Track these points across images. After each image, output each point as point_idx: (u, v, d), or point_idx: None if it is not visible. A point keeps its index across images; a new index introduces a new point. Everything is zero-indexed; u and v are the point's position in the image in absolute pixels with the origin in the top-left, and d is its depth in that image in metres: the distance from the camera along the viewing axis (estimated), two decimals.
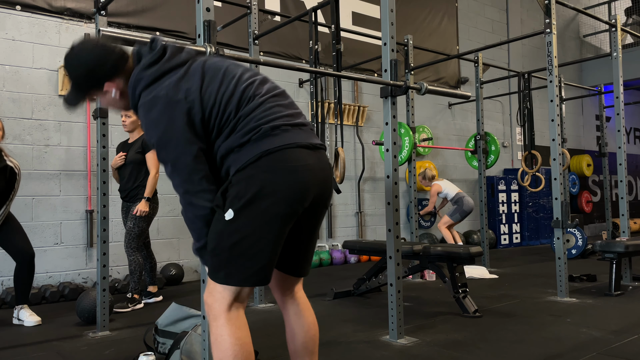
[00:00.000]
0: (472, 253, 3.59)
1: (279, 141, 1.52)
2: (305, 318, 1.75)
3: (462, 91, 3.54)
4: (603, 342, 2.85)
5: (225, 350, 1.48)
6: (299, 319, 1.74)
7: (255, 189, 1.50)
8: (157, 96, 1.54)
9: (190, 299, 4.26)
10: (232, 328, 1.50)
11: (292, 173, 1.51)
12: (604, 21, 5.04)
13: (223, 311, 1.52)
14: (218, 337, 1.50)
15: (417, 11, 7.96)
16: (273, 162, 1.51)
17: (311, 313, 1.78)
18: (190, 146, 1.53)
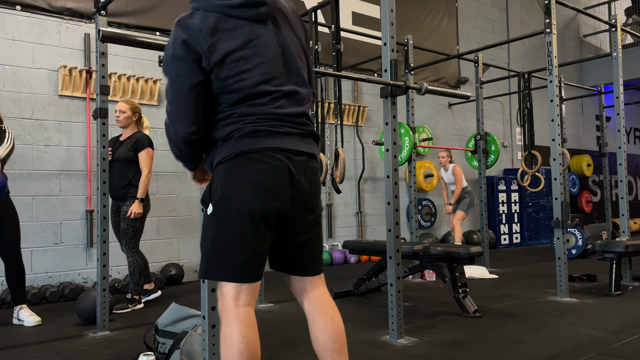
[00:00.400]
0: (472, 253, 3.59)
1: (257, 143, 1.54)
2: (321, 316, 1.68)
3: (462, 91, 3.55)
4: (603, 342, 2.85)
5: (231, 347, 1.50)
6: (314, 318, 1.69)
7: (230, 185, 1.54)
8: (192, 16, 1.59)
9: (190, 299, 4.27)
10: (239, 325, 1.52)
11: (264, 173, 1.54)
12: (604, 21, 5.04)
13: (229, 308, 1.55)
14: (225, 333, 1.53)
15: (417, 11, 7.96)
16: (247, 162, 1.54)
17: (328, 309, 1.69)
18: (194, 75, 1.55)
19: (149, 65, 5.38)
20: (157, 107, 5.40)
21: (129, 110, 4.07)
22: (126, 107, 4.07)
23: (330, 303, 1.71)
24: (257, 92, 1.56)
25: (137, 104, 4.18)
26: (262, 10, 1.59)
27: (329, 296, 1.74)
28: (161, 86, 5.43)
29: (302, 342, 2.99)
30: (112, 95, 5.00)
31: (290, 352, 2.80)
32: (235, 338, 1.50)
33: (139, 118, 4.17)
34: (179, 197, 5.48)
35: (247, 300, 1.57)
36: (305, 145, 1.64)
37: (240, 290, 1.56)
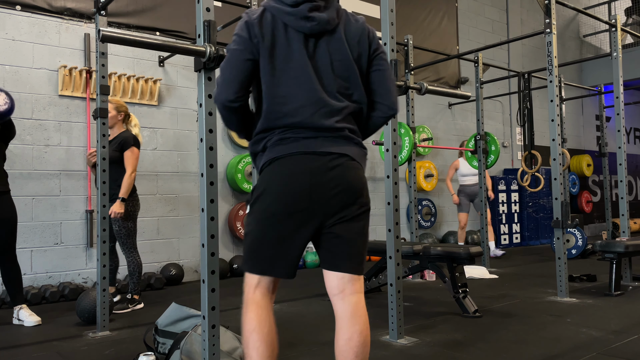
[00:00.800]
0: (472, 253, 3.59)
1: (285, 149, 1.67)
2: (351, 325, 1.65)
3: (462, 91, 3.55)
4: (603, 342, 2.85)
5: (246, 325, 1.68)
6: (344, 325, 1.67)
7: (259, 189, 1.70)
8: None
9: (190, 299, 4.27)
10: (252, 306, 1.69)
11: (286, 176, 1.66)
12: (604, 21, 5.04)
13: (247, 294, 1.72)
14: (243, 314, 1.71)
15: (417, 11, 7.96)
16: (278, 167, 1.67)
17: (359, 321, 1.66)
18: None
19: (149, 65, 5.38)
20: (157, 107, 5.40)
21: (113, 110, 3.97)
22: (110, 106, 3.93)
23: (363, 315, 1.68)
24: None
25: (122, 103, 4.10)
26: (309, 25, 1.69)
27: (364, 307, 1.70)
28: (161, 86, 5.43)
29: (302, 342, 2.99)
30: (112, 95, 5.00)
31: (290, 352, 2.80)
32: (249, 317, 1.68)
33: (125, 117, 4.09)
34: (179, 197, 5.48)
35: (263, 290, 1.71)
36: (334, 146, 1.67)
37: (259, 281, 1.71)
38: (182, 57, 5.39)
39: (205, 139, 2.24)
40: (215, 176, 2.26)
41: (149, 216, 5.27)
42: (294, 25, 1.68)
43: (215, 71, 2.29)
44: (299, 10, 1.67)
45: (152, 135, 5.35)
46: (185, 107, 5.60)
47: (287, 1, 1.69)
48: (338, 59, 1.71)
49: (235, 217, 5.72)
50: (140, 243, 5.18)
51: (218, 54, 2.23)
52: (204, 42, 2.25)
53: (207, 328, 2.17)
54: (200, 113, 2.27)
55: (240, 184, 5.72)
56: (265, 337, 1.64)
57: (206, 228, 2.21)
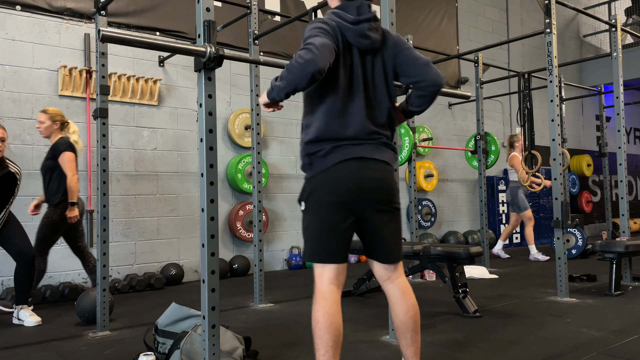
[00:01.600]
0: (472, 253, 3.59)
1: (339, 156, 1.92)
2: (405, 301, 2.03)
3: (462, 91, 3.54)
4: (603, 342, 2.85)
5: (316, 318, 1.87)
6: (398, 302, 2.04)
7: (314, 185, 1.95)
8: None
9: (190, 299, 4.26)
10: (320, 299, 1.89)
11: (339, 174, 1.92)
12: (604, 21, 5.04)
13: (318, 285, 1.93)
14: (313, 305, 1.91)
15: (417, 11, 7.96)
16: (333, 169, 1.93)
17: (410, 297, 2.05)
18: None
19: (149, 65, 5.38)
20: (157, 107, 5.40)
21: (47, 120, 3.94)
22: (44, 117, 3.94)
23: (411, 291, 2.07)
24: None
25: (57, 112, 4.03)
26: (365, 42, 1.94)
27: (409, 284, 2.10)
28: (161, 86, 5.43)
29: (302, 342, 2.99)
30: (112, 95, 5.00)
31: (290, 352, 2.80)
32: (316, 309, 1.88)
33: (62, 125, 4.02)
34: (179, 197, 5.49)
35: (329, 279, 1.92)
36: (376, 153, 1.96)
37: (323, 270, 1.93)
38: (182, 57, 5.39)
39: (205, 139, 2.24)
40: (215, 176, 2.26)
41: (149, 216, 5.27)
42: (353, 40, 1.93)
43: (214, 71, 2.29)
44: (360, 27, 1.92)
45: (152, 135, 5.35)
46: (185, 107, 5.60)
47: (348, 18, 1.92)
48: (378, 72, 1.99)
49: (235, 217, 5.72)
50: (140, 243, 5.19)
51: (218, 54, 2.23)
52: (204, 42, 2.25)
53: (207, 328, 2.17)
54: (200, 113, 2.27)
55: (240, 184, 5.72)
56: (328, 327, 1.84)
57: (206, 228, 2.21)
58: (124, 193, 5.11)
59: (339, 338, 1.87)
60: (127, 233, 5.11)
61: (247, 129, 5.92)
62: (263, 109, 2.02)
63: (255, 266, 4.10)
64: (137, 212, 5.19)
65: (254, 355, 2.68)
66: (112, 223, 4.95)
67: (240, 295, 4.48)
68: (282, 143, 6.36)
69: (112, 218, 4.96)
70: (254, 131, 4.15)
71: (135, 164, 5.21)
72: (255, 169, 4.15)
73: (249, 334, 2.74)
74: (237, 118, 5.87)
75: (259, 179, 4.15)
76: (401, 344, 2.06)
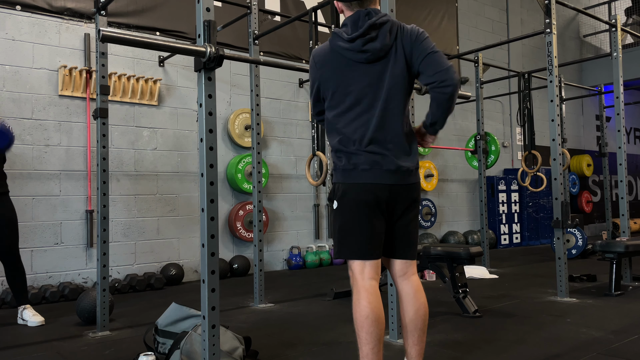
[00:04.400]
0: (472, 253, 3.59)
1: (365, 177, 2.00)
2: (417, 300, 2.07)
3: (462, 91, 3.54)
4: (603, 342, 2.85)
5: (360, 312, 1.95)
6: (410, 300, 2.07)
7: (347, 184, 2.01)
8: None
9: (190, 299, 4.26)
10: (364, 294, 1.97)
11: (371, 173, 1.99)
12: (604, 21, 5.04)
13: (358, 280, 2.01)
14: (355, 300, 1.99)
15: (417, 11, 7.96)
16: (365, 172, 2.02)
17: (422, 295, 2.09)
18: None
19: (149, 65, 5.38)
20: (157, 107, 5.40)
21: None
22: None
23: (422, 289, 2.11)
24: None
25: None
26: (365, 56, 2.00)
27: (420, 283, 2.13)
28: (161, 86, 5.43)
29: (302, 342, 2.99)
30: (112, 95, 5.00)
31: (290, 352, 2.80)
32: (362, 304, 1.95)
33: None
34: (179, 197, 5.48)
35: (370, 274, 2.00)
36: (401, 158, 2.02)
37: (364, 266, 2.00)
38: (182, 57, 5.39)
39: (205, 139, 2.24)
40: (215, 176, 2.26)
41: (149, 216, 5.27)
42: (353, 57, 2.00)
43: (214, 71, 2.29)
44: (355, 45, 1.98)
45: (152, 135, 5.35)
46: (185, 107, 5.60)
47: (344, 37, 2.00)
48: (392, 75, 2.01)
49: (235, 217, 5.72)
50: (140, 243, 5.20)
51: (218, 54, 2.23)
52: (204, 42, 2.24)
53: (207, 328, 2.17)
54: (200, 113, 2.27)
55: (240, 184, 5.72)
56: (376, 321, 1.93)
57: (206, 228, 2.21)
58: (124, 193, 5.11)
59: (383, 329, 1.96)
60: (127, 233, 5.11)
61: (247, 129, 5.92)
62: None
63: (255, 266, 4.10)
64: (137, 212, 5.19)
65: (254, 355, 2.68)
66: (112, 223, 4.95)
67: (240, 295, 4.48)
68: (282, 143, 6.36)
69: (112, 218, 4.96)
70: (254, 131, 4.15)
71: (135, 164, 5.21)
72: (255, 169, 4.15)
73: (249, 334, 2.74)
74: (237, 118, 5.87)
75: (259, 179, 4.15)
76: (407, 342, 2.08)
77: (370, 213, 1.98)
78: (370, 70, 2.01)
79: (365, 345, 1.92)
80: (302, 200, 6.47)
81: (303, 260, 6.25)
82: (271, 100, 6.26)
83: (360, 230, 1.98)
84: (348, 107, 2.02)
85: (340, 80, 2.02)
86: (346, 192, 2.01)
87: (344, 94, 2.02)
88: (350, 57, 2.01)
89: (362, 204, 1.98)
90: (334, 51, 2.04)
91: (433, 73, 1.96)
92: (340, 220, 2.03)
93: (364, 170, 1.98)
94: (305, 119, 6.57)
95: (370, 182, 1.98)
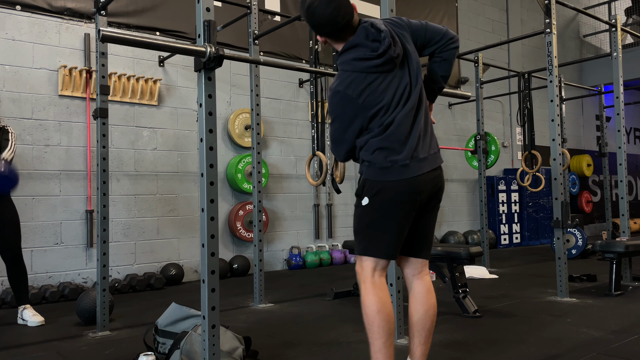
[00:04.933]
0: (472, 253, 3.59)
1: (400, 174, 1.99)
2: (428, 300, 2.08)
3: (462, 91, 3.54)
4: (603, 342, 2.85)
5: (370, 306, 1.95)
6: (422, 299, 2.08)
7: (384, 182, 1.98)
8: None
9: (190, 299, 4.26)
10: (375, 289, 1.98)
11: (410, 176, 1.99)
12: (604, 21, 5.04)
13: (368, 277, 2.00)
14: (365, 296, 1.98)
15: (417, 11, 7.96)
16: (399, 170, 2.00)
17: (432, 296, 2.10)
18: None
19: (149, 65, 5.38)
20: (157, 107, 5.40)
21: None
22: None
23: (433, 291, 2.12)
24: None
25: None
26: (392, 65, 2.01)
27: (432, 284, 2.15)
28: (161, 86, 5.43)
29: (302, 342, 2.99)
30: (112, 95, 5.00)
31: (290, 352, 2.80)
32: (374, 299, 1.96)
33: None
34: (179, 197, 5.49)
35: (381, 272, 2.02)
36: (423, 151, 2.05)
37: (378, 263, 2.01)
38: (182, 57, 5.39)
39: (205, 139, 2.24)
40: (215, 176, 2.26)
41: (149, 216, 5.27)
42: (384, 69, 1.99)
43: (214, 71, 2.29)
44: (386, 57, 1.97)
45: (152, 135, 5.35)
46: (185, 107, 5.60)
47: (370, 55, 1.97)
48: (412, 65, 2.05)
49: (235, 217, 5.72)
50: (140, 243, 5.20)
51: (218, 54, 2.23)
52: (204, 42, 2.25)
53: (207, 328, 2.17)
54: (200, 113, 2.27)
55: (240, 184, 5.72)
56: (387, 316, 1.95)
57: (206, 228, 2.21)
58: (124, 193, 5.12)
59: (394, 326, 2.00)
60: (127, 233, 5.11)
61: (247, 129, 5.92)
62: None
63: (255, 266, 4.10)
64: (137, 212, 5.19)
65: (254, 355, 2.68)
66: (112, 223, 4.95)
67: (240, 295, 4.48)
68: (282, 143, 6.36)
69: (112, 218, 4.96)
70: (254, 131, 4.15)
71: (135, 164, 5.21)
72: (255, 169, 4.15)
73: (249, 334, 2.74)
74: (237, 118, 5.87)
75: (259, 179, 4.15)
76: (413, 342, 2.09)
77: (405, 212, 1.99)
78: (398, 73, 2.02)
79: (378, 340, 1.95)
80: (302, 200, 6.47)
81: (303, 260, 6.25)
82: (271, 100, 6.26)
83: (391, 230, 1.98)
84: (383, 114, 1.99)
85: (377, 97, 1.98)
86: (382, 190, 1.98)
87: (380, 108, 1.99)
88: (382, 70, 1.98)
89: (399, 204, 1.97)
90: (362, 73, 1.98)
91: (440, 37, 2.10)
92: (370, 218, 2.00)
93: (403, 167, 1.97)
94: (305, 119, 6.57)
95: (409, 176, 1.97)
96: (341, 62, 2.03)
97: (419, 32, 2.11)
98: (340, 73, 2.03)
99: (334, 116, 2.05)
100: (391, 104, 1.99)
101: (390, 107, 1.99)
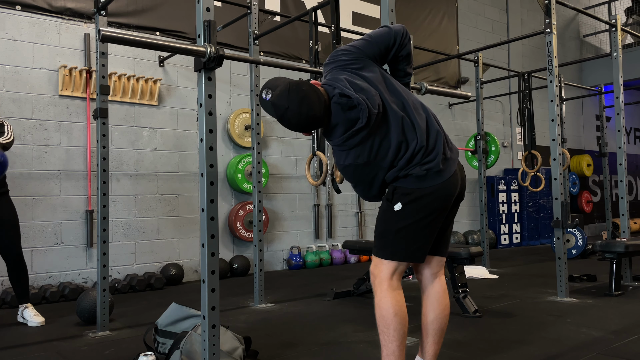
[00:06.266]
0: (472, 253, 3.59)
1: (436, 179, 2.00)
2: (443, 300, 2.11)
3: (462, 91, 3.55)
4: (603, 342, 2.85)
5: (387, 309, 1.96)
6: (438, 299, 2.10)
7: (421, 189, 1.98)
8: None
9: (190, 299, 4.26)
10: (392, 292, 1.99)
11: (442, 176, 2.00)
12: (604, 21, 5.04)
13: (386, 279, 2.00)
14: (382, 298, 1.99)
15: (417, 11, 7.96)
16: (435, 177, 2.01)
17: (447, 296, 2.13)
18: None
19: (149, 65, 5.38)
20: (157, 107, 5.40)
21: None
22: None
23: (446, 289, 2.14)
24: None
25: None
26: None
27: (445, 284, 2.17)
28: (161, 86, 5.43)
29: (302, 342, 2.99)
30: (112, 95, 5.00)
31: (290, 352, 2.80)
32: (391, 302, 1.97)
33: None
34: (179, 197, 5.48)
35: (399, 275, 2.03)
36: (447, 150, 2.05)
37: (397, 267, 2.02)
38: (182, 57, 5.39)
39: (205, 139, 2.24)
40: (215, 176, 2.26)
41: (149, 216, 5.27)
42: (374, 127, 2.01)
43: (214, 71, 2.29)
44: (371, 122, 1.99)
45: (152, 135, 5.35)
46: (185, 107, 5.60)
47: (361, 125, 1.98)
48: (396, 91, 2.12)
49: (235, 217, 5.72)
50: (140, 243, 5.20)
51: (218, 54, 2.23)
52: (204, 42, 2.25)
53: (207, 328, 2.17)
54: (200, 113, 2.27)
55: (240, 184, 5.72)
56: (403, 319, 1.97)
57: (206, 228, 2.21)
58: (124, 193, 5.12)
59: (407, 329, 2.02)
60: (127, 233, 5.11)
61: (247, 129, 5.92)
62: None
63: (255, 266, 4.10)
64: (137, 212, 5.19)
65: (254, 355, 2.68)
66: (112, 223, 4.95)
67: (240, 295, 4.48)
68: (282, 143, 6.36)
69: (112, 218, 4.96)
70: (254, 131, 4.15)
71: (135, 164, 5.21)
72: (255, 169, 4.15)
73: (249, 334, 2.74)
74: (237, 118, 5.87)
75: (259, 179, 4.15)
76: (425, 341, 2.12)
77: (440, 217, 2.02)
78: (390, 111, 2.02)
79: (392, 343, 1.96)
80: (302, 200, 6.47)
81: (303, 260, 6.25)
82: None
83: (426, 235, 2.00)
84: (404, 150, 1.99)
85: (386, 146, 2.00)
86: (419, 197, 1.97)
87: (399, 145, 1.99)
88: (376, 126, 1.99)
89: (435, 210, 1.99)
90: (359, 145, 2.00)
91: (393, 40, 2.15)
92: (404, 223, 1.99)
93: (437, 172, 1.98)
94: None
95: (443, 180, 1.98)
96: (336, 144, 2.06)
97: (372, 48, 2.12)
98: (342, 152, 2.05)
99: (354, 183, 2.11)
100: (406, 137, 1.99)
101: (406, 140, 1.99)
